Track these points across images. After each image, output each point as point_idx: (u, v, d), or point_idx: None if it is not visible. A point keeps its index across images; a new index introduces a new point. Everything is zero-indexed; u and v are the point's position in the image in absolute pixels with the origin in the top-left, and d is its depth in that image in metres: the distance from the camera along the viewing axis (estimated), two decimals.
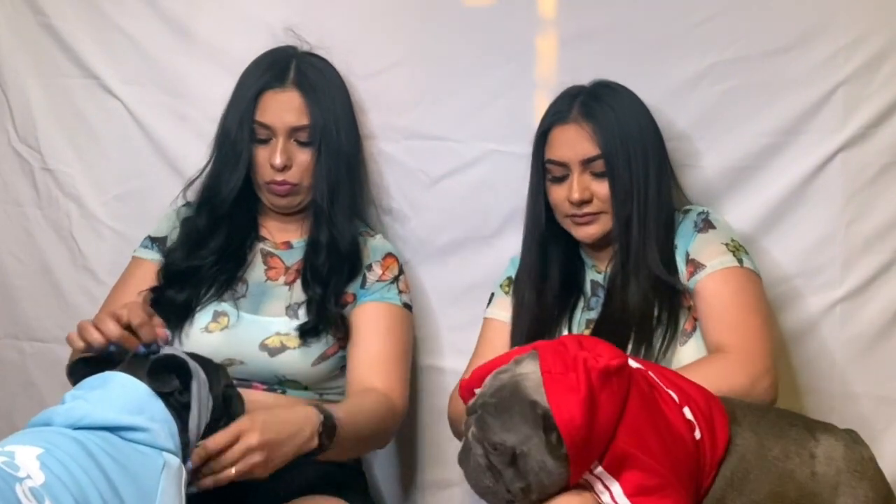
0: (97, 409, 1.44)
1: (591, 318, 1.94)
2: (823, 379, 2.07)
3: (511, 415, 1.46)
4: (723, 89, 2.05)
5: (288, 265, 2.04)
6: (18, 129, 2.30)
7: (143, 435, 1.44)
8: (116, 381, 1.49)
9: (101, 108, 2.27)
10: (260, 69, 2.04)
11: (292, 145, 2.00)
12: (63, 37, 2.25)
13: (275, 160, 1.98)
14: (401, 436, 2.18)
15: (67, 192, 2.30)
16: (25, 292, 2.35)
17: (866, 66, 2.00)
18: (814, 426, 1.61)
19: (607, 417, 1.44)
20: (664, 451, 1.47)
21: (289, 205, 2.04)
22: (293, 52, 2.06)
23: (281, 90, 2.00)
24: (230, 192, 2.02)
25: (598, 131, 1.86)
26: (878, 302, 2.04)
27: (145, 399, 1.48)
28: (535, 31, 2.11)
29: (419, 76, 2.16)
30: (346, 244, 2.01)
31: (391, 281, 2.03)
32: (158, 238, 2.08)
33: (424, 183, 2.18)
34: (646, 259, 1.86)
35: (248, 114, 2.00)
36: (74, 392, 1.50)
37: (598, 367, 1.46)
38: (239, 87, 2.04)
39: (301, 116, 1.99)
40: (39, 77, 2.28)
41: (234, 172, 2.02)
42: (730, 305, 1.82)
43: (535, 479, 1.46)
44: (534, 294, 1.96)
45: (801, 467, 1.54)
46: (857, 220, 2.03)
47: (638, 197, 1.86)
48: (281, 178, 1.99)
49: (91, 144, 2.29)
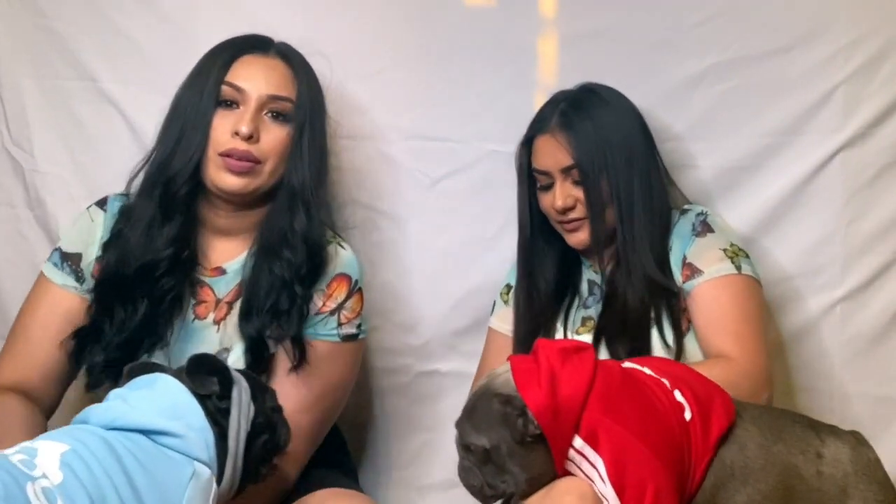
0: (134, 411, 1.41)
1: (587, 315, 1.94)
2: (823, 378, 2.08)
3: (479, 414, 1.52)
4: (723, 89, 2.06)
5: (219, 297, 1.80)
6: (12, 131, 2.27)
7: (175, 441, 1.40)
8: (161, 384, 1.45)
9: (97, 110, 2.25)
10: (233, 42, 1.84)
11: (264, 118, 1.76)
12: (60, 38, 2.22)
13: (240, 126, 1.71)
14: (400, 439, 2.18)
15: (59, 194, 2.27)
16: (16, 294, 2.31)
17: (866, 66, 2.02)
18: (818, 427, 1.61)
19: (572, 387, 1.47)
20: (640, 421, 1.48)
21: (242, 188, 1.74)
22: (269, 37, 1.88)
23: (263, 55, 1.80)
24: (187, 164, 1.73)
25: (572, 141, 1.86)
26: (879, 302, 2.05)
27: (185, 405, 1.43)
28: (536, 31, 2.12)
29: (419, 76, 2.16)
30: (318, 244, 1.78)
31: (331, 312, 1.80)
32: (71, 255, 1.82)
33: (424, 184, 2.17)
34: (639, 262, 1.85)
35: (219, 76, 1.76)
36: (119, 391, 1.47)
37: (556, 347, 1.52)
38: (203, 60, 1.83)
39: (284, 86, 1.78)
40: (35, 78, 2.25)
41: (193, 140, 1.74)
42: (728, 313, 1.81)
43: (515, 469, 1.49)
44: (526, 300, 1.97)
45: (807, 464, 1.54)
46: (857, 220, 2.05)
47: (621, 203, 1.86)
48: (244, 148, 1.72)
49: (85, 146, 2.26)
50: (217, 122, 1.74)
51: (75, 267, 1.81)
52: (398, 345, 2.19)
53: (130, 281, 1.74)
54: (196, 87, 1.78)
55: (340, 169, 2.15)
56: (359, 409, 2.18)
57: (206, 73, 1.78)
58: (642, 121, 1.92)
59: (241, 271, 1.79)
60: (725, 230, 1.90)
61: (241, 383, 1.49)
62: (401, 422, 2.21)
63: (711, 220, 1.90)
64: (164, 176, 1.75)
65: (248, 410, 1.48)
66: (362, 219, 2.15)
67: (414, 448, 2.21)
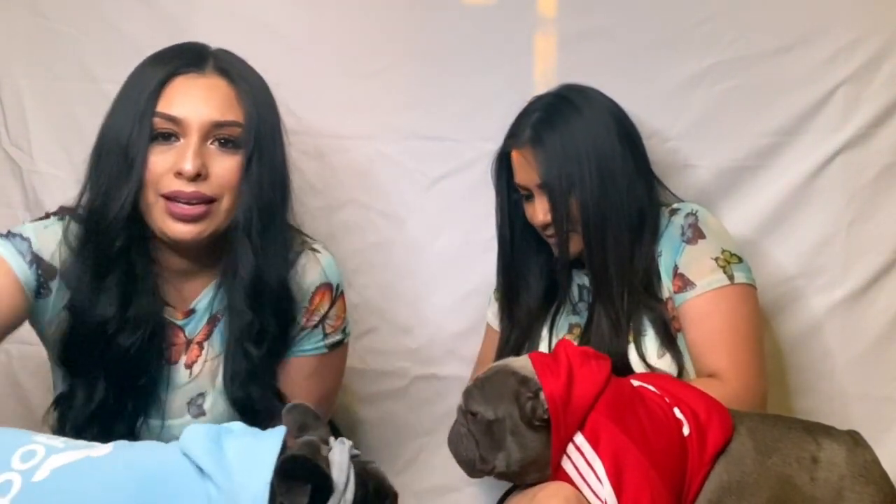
0: (199, 450, 1.27)
1: (575, 322, 1.92)
2: (824, 379, 2.07)
3: (492, 386, 1.54)
4: (723, 89, 2.06)
5: (189, 337, 1.63)
6: (10, 131, 2.27)
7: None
8: (264, 443, 1.29)
9: (96, 111, 2.17)
10: (162, 59, 1.59)
11: (210, 148, 1.53)
12: (60, 38, 2.23)
13: (183, 164, 1.48)
14: (397, 443, 2.16)
15: (57, 195, 2.25)
16: None
17: (866, 66, 2.02)
18: (814, 429, 1.60)
19: (586, 387, 1.51)
20: (641, 432, 1.50)
21: (196, 235, 1.53)
22: (205, 46, 1.64)
23: (198, 74, 1.55)
24: (119, 213, 1.51)
25: (540, 160, 1.81)
26: (880, 302, 2.04)
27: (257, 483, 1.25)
28: (535, 30, 2.12)
29: (417, 76, 2.15)
30: (275, 286, 1.59)
31: (316, 325, 1.70)
32: (41, 260, 1.58)
33: (423, 184, 2.16)
34: (621, 272, 1.80)
35: (148, 106, 1.51)
36: (234, 426, 1.34)
37: (578, 349, 1.59)
38: (131, 81, 1.59)
39: (229, 109, 1.54)
40: (33, 78, 2.25)
41: (125, 185, 1.51)
42: (722, 331, 1.76)
43: (513, 447, 1.51)
44: (508, 316, 1.95)
45: (801, 473, 1.53)
46: (858, 221, 2.04)
47: (589, 222, 1.80)
48: (192, 189, 1.50)
49: (83, 147, 2.23)
50: (154, 160, 1.51)
51: (44, 273, 1.58)
52: (395, 347, 2.17)
53: (88, 347, 1.56)
54: (123, 117, 1.55)
55: (339, 169, 2.15)
56: (354, 412, 2.17)
57: (133, 101, 1.55)
58: (621, 122, 1.85)
59: (209, 307, 1.64)
60: (718, 233, 1.83)
61: (340, 498, 1.29)
62: (397, 426, 2.20)
63: (703, 221, 1.82)
64: (97, 226, 1.53)
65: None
66: (360, 219, 2.15)
67: (411, 452, 2.19)
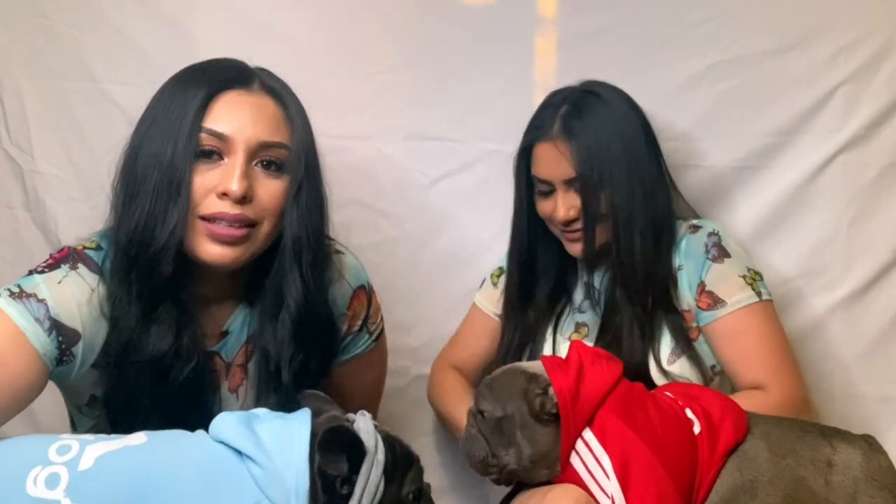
0: (236, 435, 1.28)
1: (582, 321, 1.92)
2: (825, 379, 2.07)
3: (501, 385, 1.55)
4: (723, 89, 2.06)
5: (228, 360, 1.57)
6: (11, 131, 2.27)
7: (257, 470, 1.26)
8: (295, 423, 1.30)
9: (97, 111, 2.24)
10: (203, 73, 1.51)
11: (255, 171, 1.46)
12: (60, 38, 2.22)
13: (230, 185, 1.41)
14: None
15: (58, 195, 2.26)
16: None
17: (866, 66, 2.02)
18: (829, 433, 1.60)
19: (596, 384, 1.52)
20: (651, 431, 1.50)
21: (234, 260, 1.45)
22: (244, 63, 1.57)
23: (246, 92, 1.48)
24: (170, 238, 1.40)
25: (575, 153, 1.80)
26: (881, 302, 2.05)
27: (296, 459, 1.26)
28: (535, 30, 2.12)
29: (417, 76, 2.15)
30: (323, 317, 1.55)
31: (360, 329, 1.69)
32: (61, 326, 1.41)
33: (423, 184, 2.16)
34: (647, 270, 1.81)
35: (196, 122, 1.43)
36: (261, 412, 1.35)
37: (590, 349, 1.60)
38: (167, 97, 1.49)
39: (276, 130, 1.48)
40: (34, 78, 2.25)
41: (174, 207, 1.41)
42: (759, 345, 1.78)
43: (523, 442, 1.51)
44: (518, 313, 1.95)
45: (815, 475, 1.53)
46: (858, 220, 2.04)
47: (618, 217, 1.80)
48: (237, 212, 1.42)
49: (84, 148, 2.26)
50: (198, 180, 1.43)
51: (66, 344, 1.42)
52: (396, 346, 2.15)
53: (139, 388, 1.47)
54: (163, 134, 1.44)
55: (339, 169, 2.14)
56: None
57: (175, 117, 1.45)
58: (646, 122, 1.87)
59: (243, 328, 1.57)
60: (739, 254, 1.84)
61: (373, 459, 1.29)
62: (397, 425, 2.18)
63: (725, 241, 1.83)
64: (144, 254, 1.43)
65: (376, 492, 1.28)
66: (361, 218, 2.15)
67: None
